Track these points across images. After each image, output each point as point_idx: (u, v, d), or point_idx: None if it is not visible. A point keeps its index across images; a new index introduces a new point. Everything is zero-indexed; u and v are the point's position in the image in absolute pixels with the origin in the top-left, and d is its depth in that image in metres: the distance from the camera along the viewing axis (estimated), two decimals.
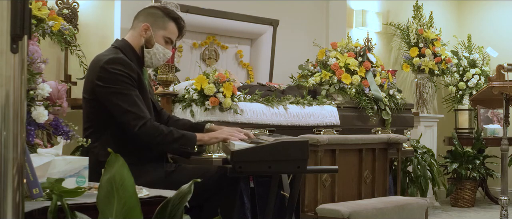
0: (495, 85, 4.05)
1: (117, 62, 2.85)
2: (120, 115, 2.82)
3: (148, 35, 3.02)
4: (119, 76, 2.82)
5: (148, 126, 2.82)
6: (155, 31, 3.03)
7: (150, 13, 3.08)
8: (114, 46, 3.02)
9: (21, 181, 1.32)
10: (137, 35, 3.04)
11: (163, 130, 2.86)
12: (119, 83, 2.81)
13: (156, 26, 3.04)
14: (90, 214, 1.57)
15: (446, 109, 7.10)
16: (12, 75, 1.29)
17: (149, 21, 3.04)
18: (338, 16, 5.98)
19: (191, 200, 1.62)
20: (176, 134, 2.88)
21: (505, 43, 7.04)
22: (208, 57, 4.94)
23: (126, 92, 2.82)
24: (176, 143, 2.87)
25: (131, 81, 2.85)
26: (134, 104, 2.82)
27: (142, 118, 2.81)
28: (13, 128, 1.30)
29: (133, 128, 2.80)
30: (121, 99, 2.81)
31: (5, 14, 1.28)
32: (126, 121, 2.81)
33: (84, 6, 4.39)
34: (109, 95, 2.82)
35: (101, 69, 2.84)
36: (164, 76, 3.80)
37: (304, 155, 2.61)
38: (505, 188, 4.12)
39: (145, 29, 3.02)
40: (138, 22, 3.06)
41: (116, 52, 2.95)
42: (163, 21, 3.06)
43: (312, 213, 3.86)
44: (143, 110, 2.85)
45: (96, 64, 2.90)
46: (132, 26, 3.10)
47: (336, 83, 4.72)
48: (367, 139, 4.33)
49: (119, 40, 3.08)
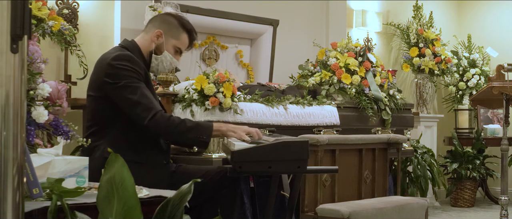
0: (495, 85, 4.05)
1: (123, 58, 2.86)
2: (130, 108, 2.81)
3: (159, 41, 3.04)
4: (126, 71, 2.83)
5: (159, 116, 2.81)
6: (167, 39, 3.05)
7: (166, 20, 3.08)
8: (121, 46, 3.03)
9: (21, 181, 1.32)
10: (148, 39, 3.05)
11: (175, 120, 2.85)
12: (127, 77, 2.82)
13: (169, 35, 3.05)
14: (90, 214, 1.57)
15: (446, 109, 7.10)
16: (12, 75, 1.29)
17: (163, 28, 3.05)
18: (338, 16, 5.98)
19: (191, 200, 1.62)
20: (189, 124, 2.87)
21: (505, 43, 7.05)
22: (208, 57, 4.94)
23: (134, 85, 2.82)
24: (190, 133, 2.84)
25: (139, 75, 2.86)
26: (144, 96, 2.82)
27: (152, 109, 2.81)
28: (13, 128, 1.30)
29: (144, 119, 2.79)
30: (130, 92, 2.81)
31: (5, 14, 1.28)
32: (136, 113, 2.80)
33: (84, 6, 4.39)
34: (118, 90, 2.82)
35: (109, 66, 2.85)
36: (164, 76, 3.80)
37: (304, 155, 2.61)
38: (505, 188, 4.12)
39: (157, 35, 3.03)
40: (151, 26, 3.07)
41: (122, 50, 2.96)
42: (177, 31, 3.07)
43: (312, 213, 3.86)
44: (153, 102, 2.85)
45: (103, 62, 2.91)
46: (145, 29, 3.11)
47: (336, 83, 4.72)
48: (367, 139, 4.33)
49: (127, 41, 3.07)
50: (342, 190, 4.18)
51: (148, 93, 2.87)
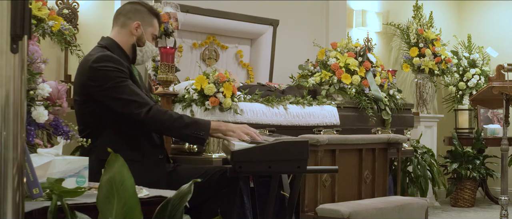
0: (495, 85, 4.06)
1: (105, 59, 2.83)
2: (123, 108, 2.79)
3: (139, 33, 3.01)
4: (110, 72, 2.80)
5: (155, 111, 2.79)
6: (145, 28, 3.02)
7: (137, 10, 3.04)
8: (100, 45, 2.99)
9: (21, 181, 1.32)
10: (126, 33, 3.01)
11: (172, 114, 2.83)
12: (112, 78, 2.80)
13: (145, 24, 3.03)
14: (90, 214, 1.57)
15: (446, 109, 7.10)
16: (12, 75, 1.29)
17: (138, 18, 3.02)
18: (338, 16, 5.98)
19: (191, 200, 1.62)
20: (187, 120, 2.84)
21: (505, 43, 7.04)
22: (208, 57, 4.94)
23: (122, 85, 2.79)
24: (187, 129, 2.81)
25: (123, 73, 2.83)
26: (134, 93, 2.80)
27: (146, 104, 2.79)
28: (13, 128, 1.30)
29: (139, 115, 2.77)
30: (119, 92, 2.79)
31: (5, 14, 1.28)
32: (130, 112, 2.78)
33: (84, 6, 4.39)
34: (105, 92, 2.80)
35: (91, 69, 2.82)
36: (164, 76, 3.79)
37: (304, 155, 2.61)
38: (505, 188, 4.12)
39: (136, 27, 3.00)
40: (126, 19, 3.02)
41: (102, 50, 2.92)
42: (150, 18, 3.05)
43: (312, 213, 3.86)
44: (144, 97, 2.83)
45: (84, 65, 2.88)
46: (117, 23, 3.05)
47: (336, 83, 4.72)
48: (367, 139, 4.33)
49: (104, 38, 3.04)
50: (342, 190, 4.18)
51: (136, 89, 2.84)
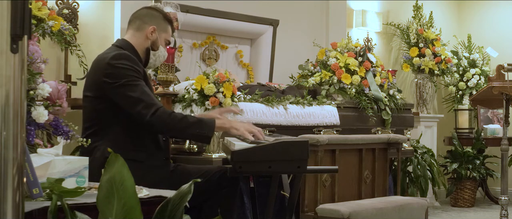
0: (495, 85, 4.05)
1: (122, 57, 2.87)
2: (131, 106, 2.82)
3: (154, 37, 3.06)
4: (126, 70, 2.84)
5: (161, 112, 2.81)
6: (159, 33, 3.08)
7: (153, 15, 3.10)
8: (116, 46, 3.03)
9: (21, 181, 1.32)
10: (141, 37, 3.05)
11: (177, 115, 2.86)
12: (127, 76, 2.83)
13: (160, 29, 3.09)
14: (90, 214, 1.57)
15: (446, 109, 7.09)
16: (12, 75, 1.29)
17: (154, 23, 3.06)
18: (338, 16, 5.97)
19: (191, 200, 1.62)
20: (191, 119, 2.86)
21: (505, 43, 7.04)
22: (208, 57, 4.94)
23: (134, 83, 2.83)
24: (191, 128, 2.83)
25: (138, 73, 2.87)
26: (144, 93, 2.83)
27: (154, 105, 2.82)
28: (13, 128, 1.30)
29: (145, 116, 2.79)
30: (130, 90, 2.82)
31: (5, 14, 1.28)
32: (137, 111, 2.81)
33: (84, 6, 4.39)
34: (118, 88, 2.83)
35: (108, 66, 2.85)
36: (164, 76, 3.80)
37: (304, 155, 2.61)
38: (505, 188, 4.12)
39: (152, 31, 3.04)
40: (141, 23, 3.07)
41: (119, 50, 2.96)
42: (164, 24, 3.11)
43: (312, 213, 3.86)
44: (154, 98, 2.87)
45: (101, 62, 2.91)
46: (133, 26, 3.09)
47: (336, 83, 4.72)
48: (367, 139, 4.33)
49: (120, 40, 3.09)
50: (342, 190, 4.18)
51: (148, 90, 2.88)
